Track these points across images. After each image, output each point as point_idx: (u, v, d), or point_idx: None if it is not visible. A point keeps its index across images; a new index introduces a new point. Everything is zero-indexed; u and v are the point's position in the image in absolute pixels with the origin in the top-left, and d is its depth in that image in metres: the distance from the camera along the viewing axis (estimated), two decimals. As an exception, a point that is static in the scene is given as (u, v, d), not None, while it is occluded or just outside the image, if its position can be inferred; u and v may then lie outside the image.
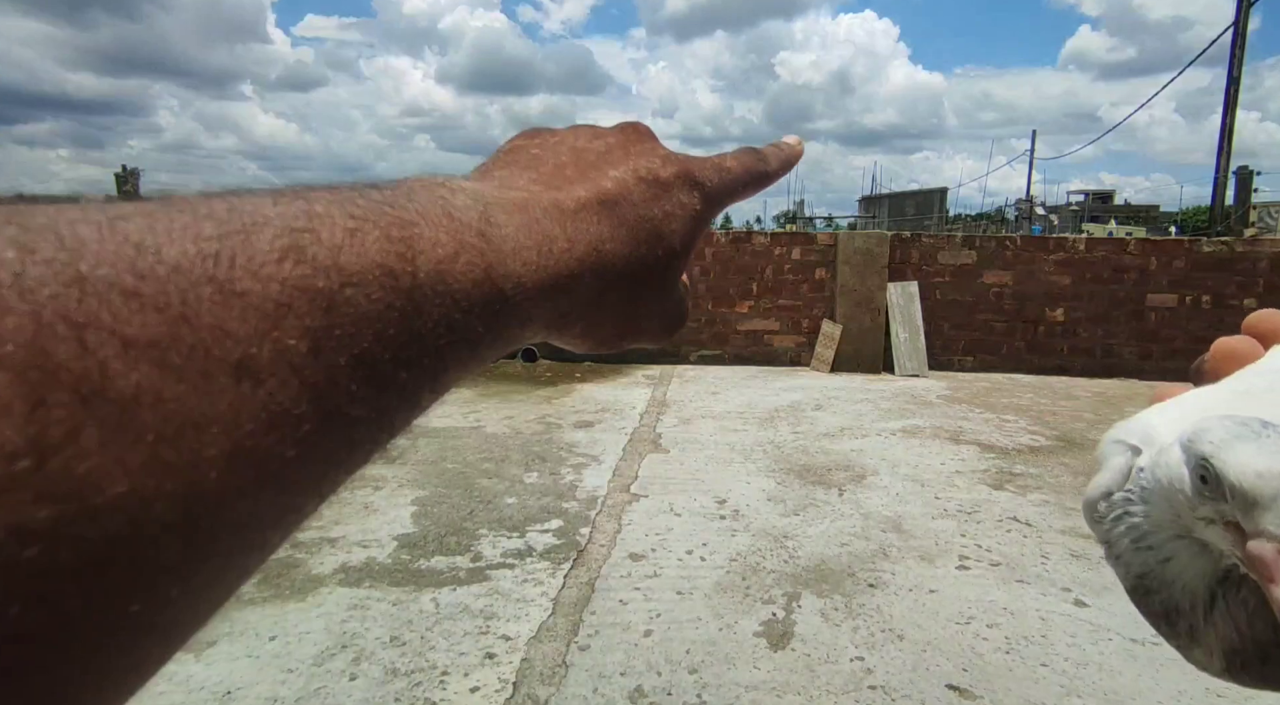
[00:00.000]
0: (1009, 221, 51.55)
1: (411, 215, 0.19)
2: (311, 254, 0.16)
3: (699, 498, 3.12)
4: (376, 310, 0.17)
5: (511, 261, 0.22)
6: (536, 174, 0.27)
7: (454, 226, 0.20)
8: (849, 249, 6.44)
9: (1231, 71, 16.40)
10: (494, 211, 0.22)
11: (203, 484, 0.14)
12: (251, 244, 0.16)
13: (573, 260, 0.24)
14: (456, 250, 0.20)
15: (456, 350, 0.20)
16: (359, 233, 0.18)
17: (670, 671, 1.86)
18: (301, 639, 1.98)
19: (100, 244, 0.14)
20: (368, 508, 2.96)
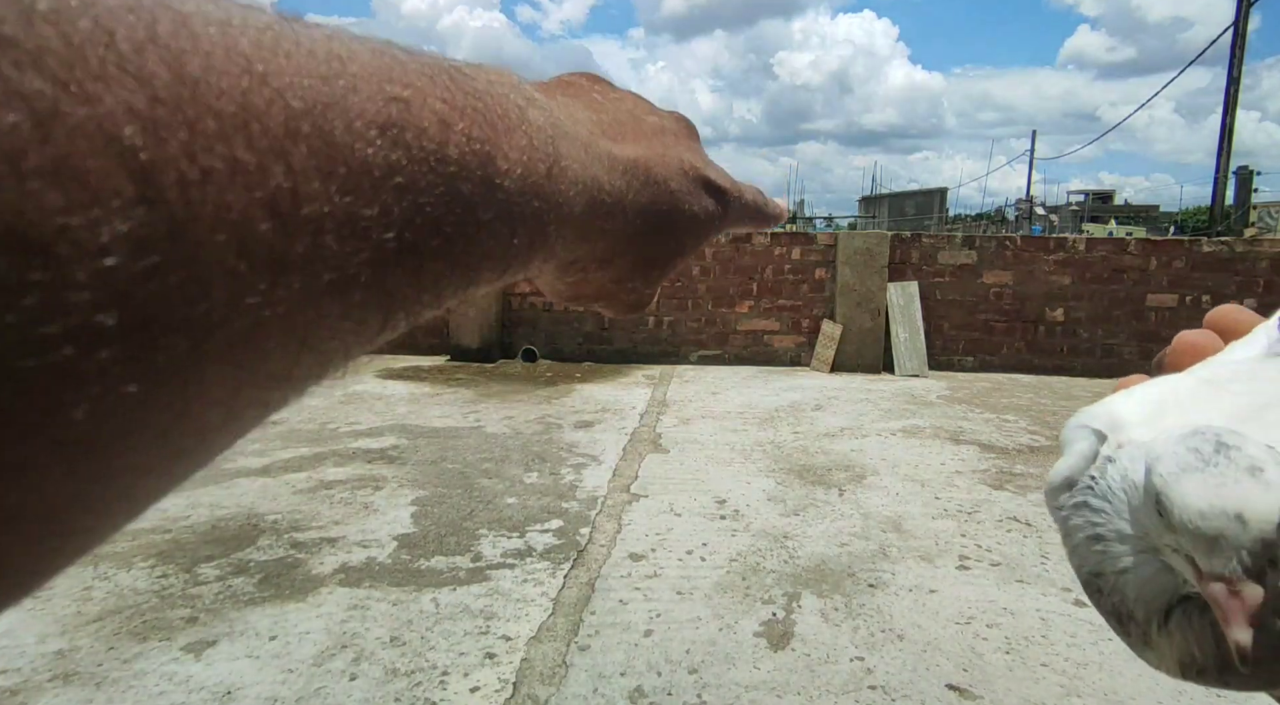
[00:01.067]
0: (1009, 221, 51.57)
1: (494, 118, 0.20)
2: (401, 128, 0.16)
3: (699, 498, 3.12)
4: (440, 204, 0.18)
5: (562, 198, 0.22)
6: (597, 118, 0.27)
7: (529, 148, 0.21)
8: (849, 249, 6.44)
9: (1231, 71, 16.40)
10: (561, 143, 0.23)
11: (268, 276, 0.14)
12: (350, 100, 0.15)
13: (606, 214, 0.25)
14: (524, 171, 0.20)
15: (492, 261, 0.21)
16: (446, 121, 0.18)
17: (670, 671, 1.86)
18: (301, 639, 1.98)
19: (216, 50, 0.13)
20: (368, 508, 2.96)
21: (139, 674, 1.82)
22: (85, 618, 2.08)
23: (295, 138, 0.14)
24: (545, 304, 6.93)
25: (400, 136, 0.16)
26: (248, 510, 2.91)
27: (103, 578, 2.32)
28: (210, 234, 0.12)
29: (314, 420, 4.37)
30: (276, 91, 0.14)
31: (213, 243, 0.12)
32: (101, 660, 1.87)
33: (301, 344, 0.15)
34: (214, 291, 0.13)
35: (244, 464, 3.50)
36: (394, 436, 4.03)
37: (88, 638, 1.97)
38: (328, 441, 3.91)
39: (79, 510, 0.12)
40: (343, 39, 0.16)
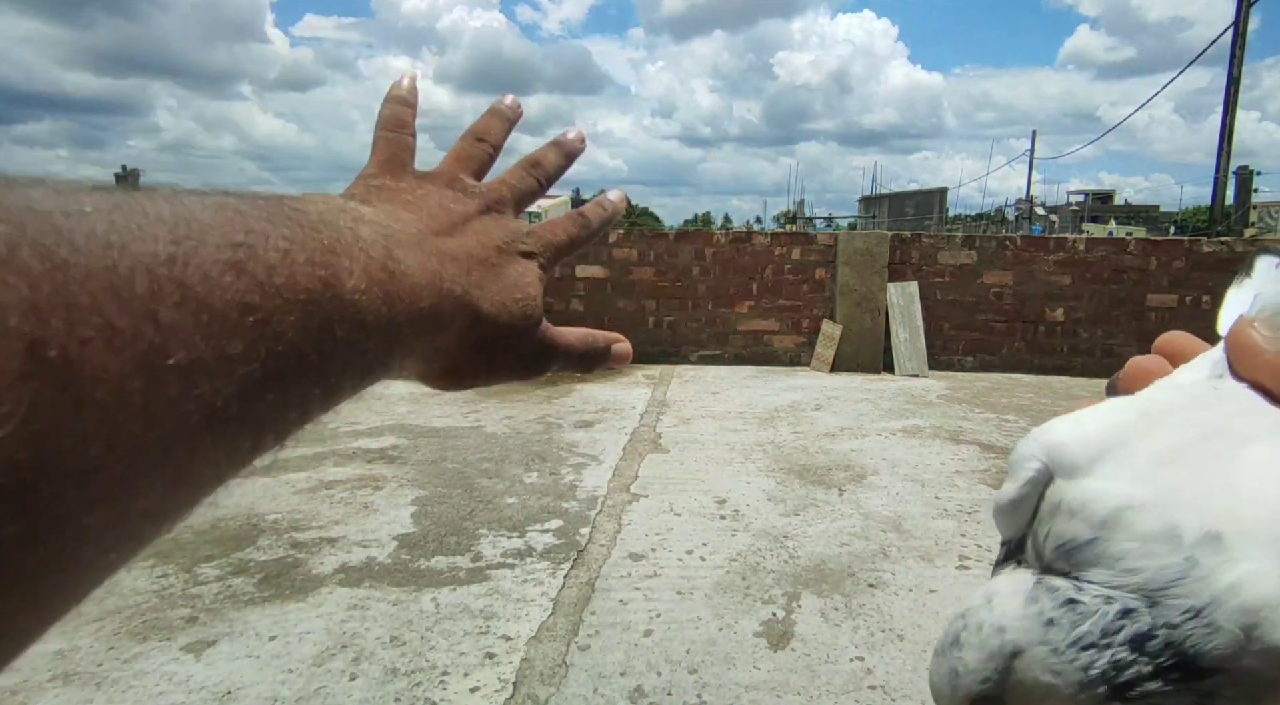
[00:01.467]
0: (1009, 221, 51.55)
1: (331, 243, 0.21)
2: (250, 269, 0.18)
3: (699, 498, 3.12)
4: (296, 329, 0.19)
5: (407, 295, 0.24)
6: (418, 217, 0.30)
7: (367, 261, 0.23)
8: (849, 249, 6.44)
9: (1231, 71, 16.40)
10: (395, 247, 0.25)
11: (120, 453, 0.15)
12: (200, 253, 0.17)
13: (453, 299, 0.27)
14: (368, 284, 0.22)
15: (352, 371, 0.22)
16: (290, 255, 0.19)
17: (670, 671, 1.86)
18: (301, 639, 1.98)
19: (77, 234, 0.15)
20: (368, 508, 2.96)
21: (139, 674, 1.82)
22: (85, 618, 2.08)
23: (158, 297, 0.15)
24: (545, 304, 6.91)
25: (250, 277, 0.18)
26: (248, 510, 2.91)
27: (103, 578, 2.32)
28: (90, 394, 0.14)
29: (314, 420, 4.37)
30: (136, 259, 0.15)
31: (93, 402, 0.14)
32: (101, 660, 1.87)
33: (176, 479, 0.17)
34: (92, 446, 0.14)
35: (244, 464, 3.50)
36: (394, 436, 4.03)
37: (88, 638, 1.97)
38: (328, 441, 3.91)
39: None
40: (184, 200, 0.18)
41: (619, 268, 6.84)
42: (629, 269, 6.84)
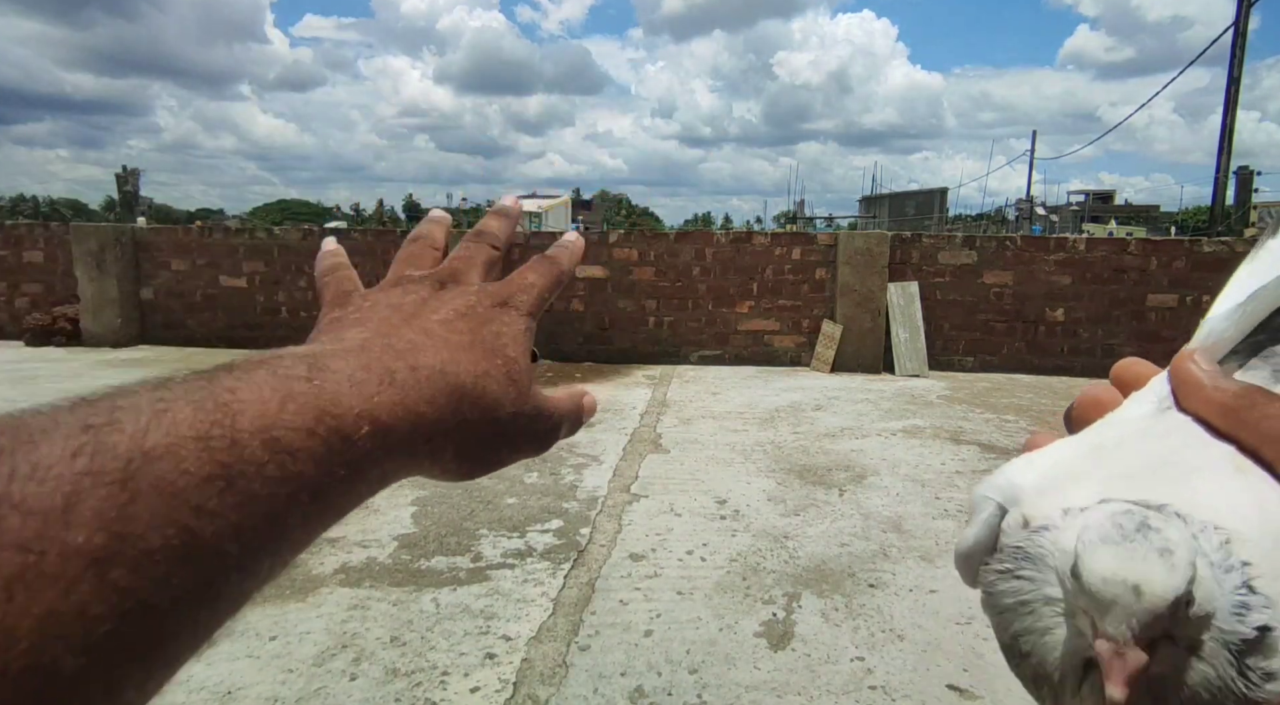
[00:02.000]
0: (1009, 222, 51.54)
1: (230, 382, 0.20)
2: (110, 443, 0.17)
3: (699, 498, 3.12)
4: (193, 481, 0.17)
5: (350, 398, 0.22)
6: (365, 328, 0.29)
7: (278, 380, 0.20)
8: (849, 249, 6.44)
9: (1232, 72, 16.40)
10: (326, 359, 0.23)
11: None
12: (37, 451, 0.16)
13: (421, 385, 0.25)
14: (283, 399, 0.20)
15: (296, 504, 0.20)
16: (167, 412, 0.18)
17: (670, 672, 1.86)
18: (302, 639, 1.98)
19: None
20: (368, 508, 2.96)
21: (139, 674, 1.81)
22: (85, 618, 2.08)
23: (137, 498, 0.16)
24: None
25: (98, 446, 0.17)
26: (248, 510, 2.91)
27: (103, 578, 2.32)
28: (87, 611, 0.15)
29: (314, 420, 4.37)
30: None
31: (90, 615, 0.15)
32: (102, 660, 1.87)
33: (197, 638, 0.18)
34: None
35: (244, 464, 3.50)
36: (394, 436, 4.03)
37: (88, 638, 1.97)
38: (328, 441, 3.91)
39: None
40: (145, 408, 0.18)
41: (619, 268, 6.84)
42: (629, 269, 6.84)
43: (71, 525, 0.15)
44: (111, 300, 7.15)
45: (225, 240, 7.37)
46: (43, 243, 7.65)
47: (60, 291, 7.53)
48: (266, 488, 0.19)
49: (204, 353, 6.99)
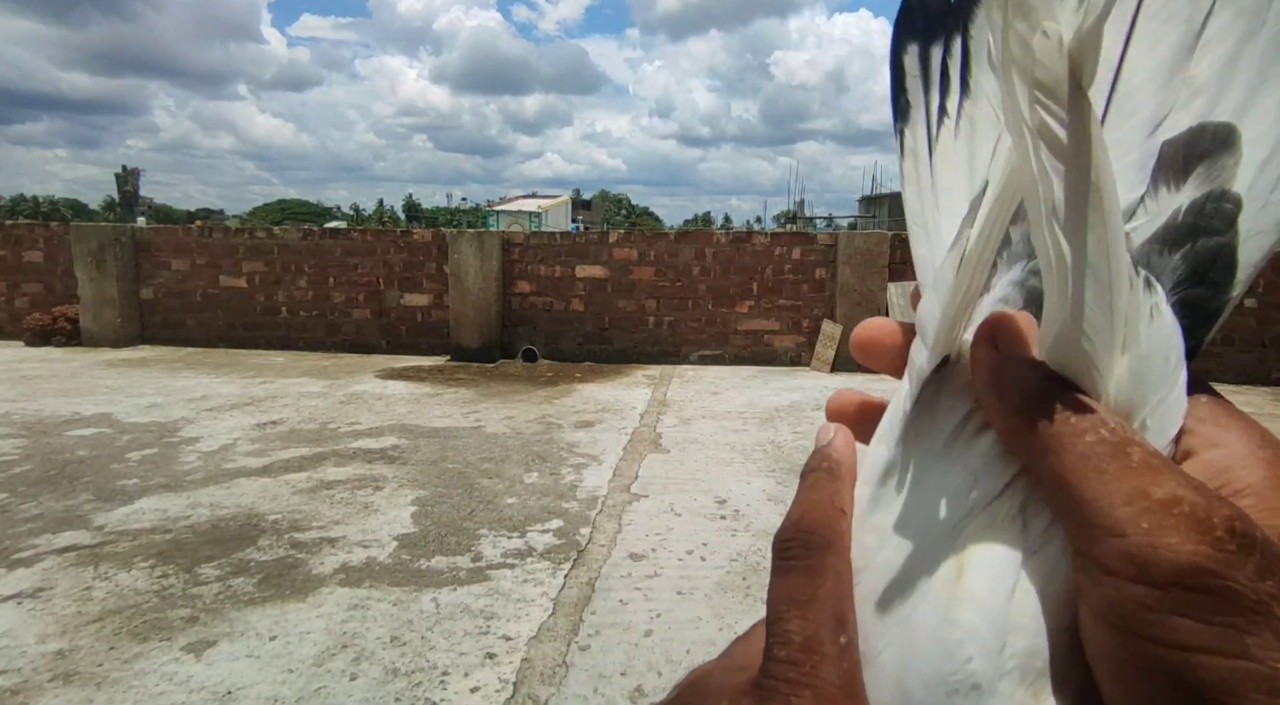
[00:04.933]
0: (1009, 221, 51.46)
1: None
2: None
3: (699, 498, 3.12)
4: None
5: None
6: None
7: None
8: (849, 249, 6.44)
9: None
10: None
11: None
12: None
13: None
14: None
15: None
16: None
17: (670, 671, 1.86)
18: (302, 639, 1.98)
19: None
20: (368, 508, 2.96)
21: (139, 674, 1.82)
22: (85, 618, 2.08)
23: None
24: (545, 304, 6.93)
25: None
26: (248, 510, 2.91)
27: (103, 578, 2.32)
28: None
29: (314, 420, 4.37)
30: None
31: None
32: (101, 660, 1.87)
33: None
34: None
35: (244, 464, 3.50)
36: (394, 436, 4.03)
37: (88, 638, 1.97)
38: (328, 441, 3.91)
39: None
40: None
41: (619, 268, 6.84)
42: (629, 269, 6.84)
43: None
44: (111, 300, 7.15)
45: (225, 240, 7.37)
46: (43, 243, 7.65)
47: (60, 291, 7.53)
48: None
49: (203, 352, 6.99)
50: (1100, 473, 0.17)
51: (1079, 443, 0.17)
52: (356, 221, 66.86)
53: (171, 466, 3.46)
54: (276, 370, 6.15)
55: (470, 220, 58.13)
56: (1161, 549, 0.15)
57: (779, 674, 0.19)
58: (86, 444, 3.82)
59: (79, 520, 2.79)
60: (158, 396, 4.98)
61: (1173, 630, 0.15)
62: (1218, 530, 0.15)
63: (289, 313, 7.31)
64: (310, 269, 7.26)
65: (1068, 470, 0.17)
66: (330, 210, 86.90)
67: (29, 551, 2.51)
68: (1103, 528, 0.16)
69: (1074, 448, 0.17)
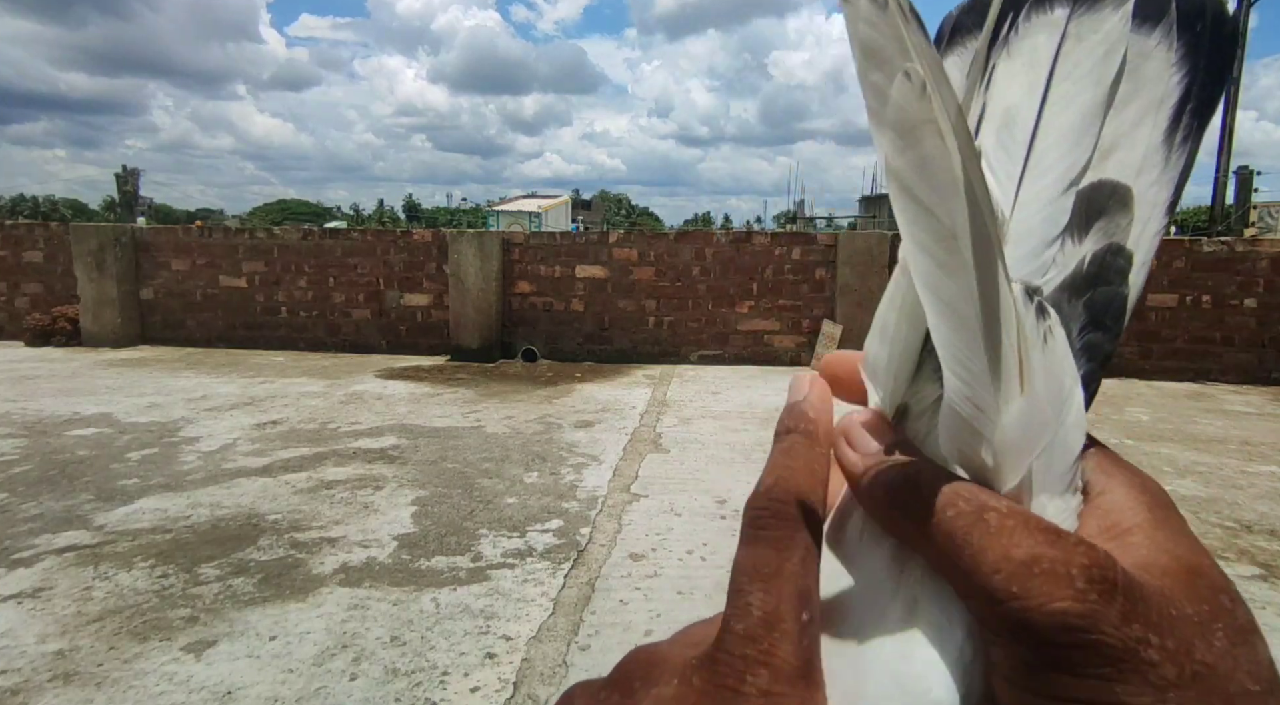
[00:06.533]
0: (1009, 221, 51.45)
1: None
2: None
3: (699, 498, 3.11)
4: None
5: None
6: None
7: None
8: (849, 249, 6.44)
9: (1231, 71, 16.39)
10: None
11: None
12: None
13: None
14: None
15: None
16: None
17: (670, 671, 1.86)
18: (302, 639, 1.98)
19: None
20: (368, 508, 2.96)
21: (139, 674, 1.82)
22: (85, 618, 2.08)
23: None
24: (545, 304, 6.93)
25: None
26: (248, 510, 2.91)
27: (103, 578, 2.32)
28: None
29: (314, 420, 4.37)
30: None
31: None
32: (101, 660, 1.87)
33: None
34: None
35: (244, 464, 3.50)
36: (394, 436, 4.03)
37: (88, 638, 1.97)
38: (328, 441, 3.91)
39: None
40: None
41: (619, 268, 6.84)
42: (629, 269, 6.84)
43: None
44: (111, 300, 7.15)
45: (225, 240, 7.37)
46: (43, 243, 7.65)
47: (60, 291, 7.53)
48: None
49: (203, 353, 6.99)
50: (966, 545, 0.17)
51: (943, 521, 0.18)
52: (356, 221, 66.80)
53: (171, 466, 3.46)
54: (276, 370, 6.15)
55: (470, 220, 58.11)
56: (1031, 612, 0.16)
57: (735, 649, 0.19)
58: (86, 444, 3.82)
59: (79, 520, 2.79)
60: (158, 396, 4.98)
61: (1055, 685, 0.16)
62: (1077, 582, 0.16)
63: (289, 313, 7.31)
64: (310, 269, 7.25)
65: (942, 551, 0.18)
66: (330, 210, 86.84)
67: (29, 551, 2.51)
68: (983, 598, 0.17)
69: (940, 528, 0.18)
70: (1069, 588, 0.16)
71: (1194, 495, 3.26)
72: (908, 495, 0.19)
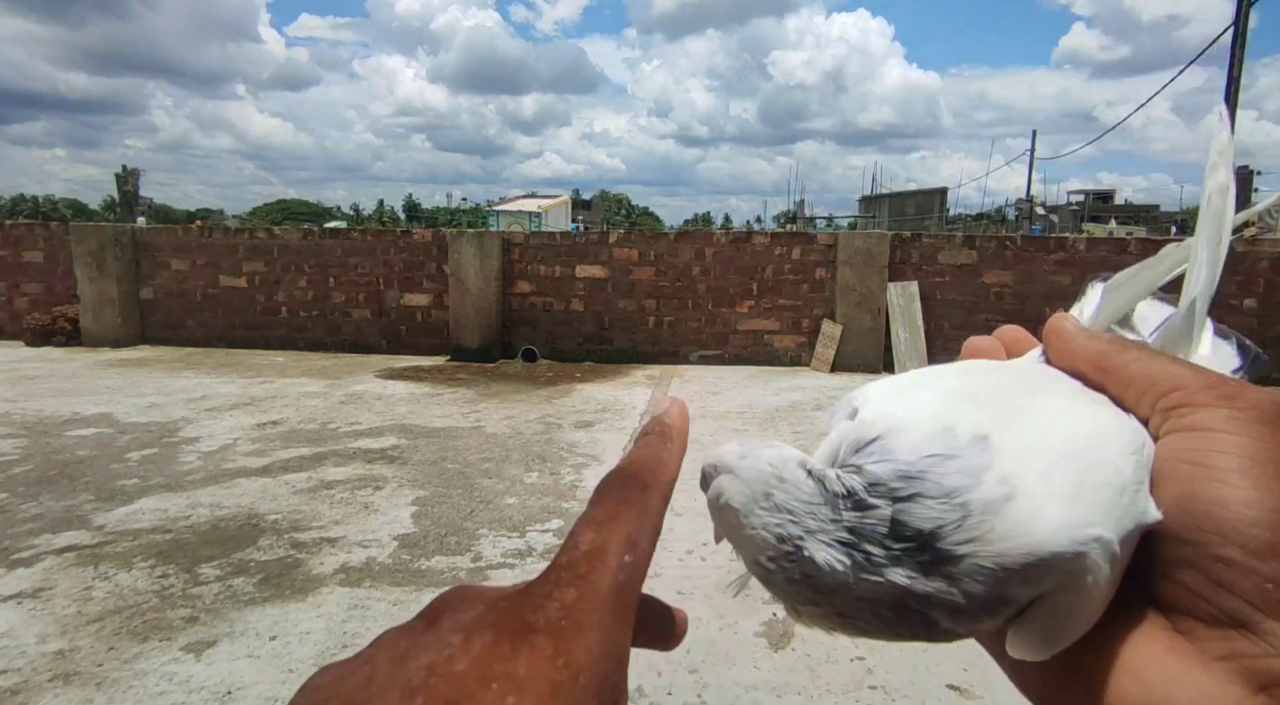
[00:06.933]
0: (1009, 221, 51.58)
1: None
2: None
3: (699, 497, 3.09)
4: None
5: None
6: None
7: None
8: (849, 249, 6.44)
9: (1231, 71, 16.39)
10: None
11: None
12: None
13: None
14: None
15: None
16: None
17: (670, 671, 1.86)
18: (302, 639, 1.98)
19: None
20: (368, 508, 2.96)
21: (139, 674, 1.82)
22: (85, 618, 2.08)
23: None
24: (545, 304, 6.93)
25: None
26: (248, 510, 2.91)
27: (103, 578, 2.32)
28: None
29: (314, 420, 4.37)
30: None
31: None
32: (101, 660, 1.87)
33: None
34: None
35: (244, 464, 3.50)
36: (394, 436, 4.03)
37: (88, 638, 1.97)
38: (328, 441, 3.91)
39: None
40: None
41: (619, 268, 6.84)
42: (629, 269, 6.84)
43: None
44: (111, 300, 7.15)
45: (225, 240, 7.37)
46: (43, 243, 7.65)
47: (60, 291, 7.53)
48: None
49: (203, 353, 6.99)
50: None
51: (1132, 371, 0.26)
52: (356, 221, 66.80)
53: (171, 466, 3.46)
54: (276, 370, 6.15)
55: (470, 220, 58.11)
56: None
57: (553, 575, 0.20)
58: (86, 444, 3.82)
59: (79, 520, 2.79)
60: (157, 396, 4.98)
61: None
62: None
63: (289, 313, 7.31)
64: (310, 269, 7.25)
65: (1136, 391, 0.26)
66: (330, 210, 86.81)
67: (29, 551, 2.51)
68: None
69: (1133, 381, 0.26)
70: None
71: (1194, 495, 3.26)
72: (1114, 348, 0.27)
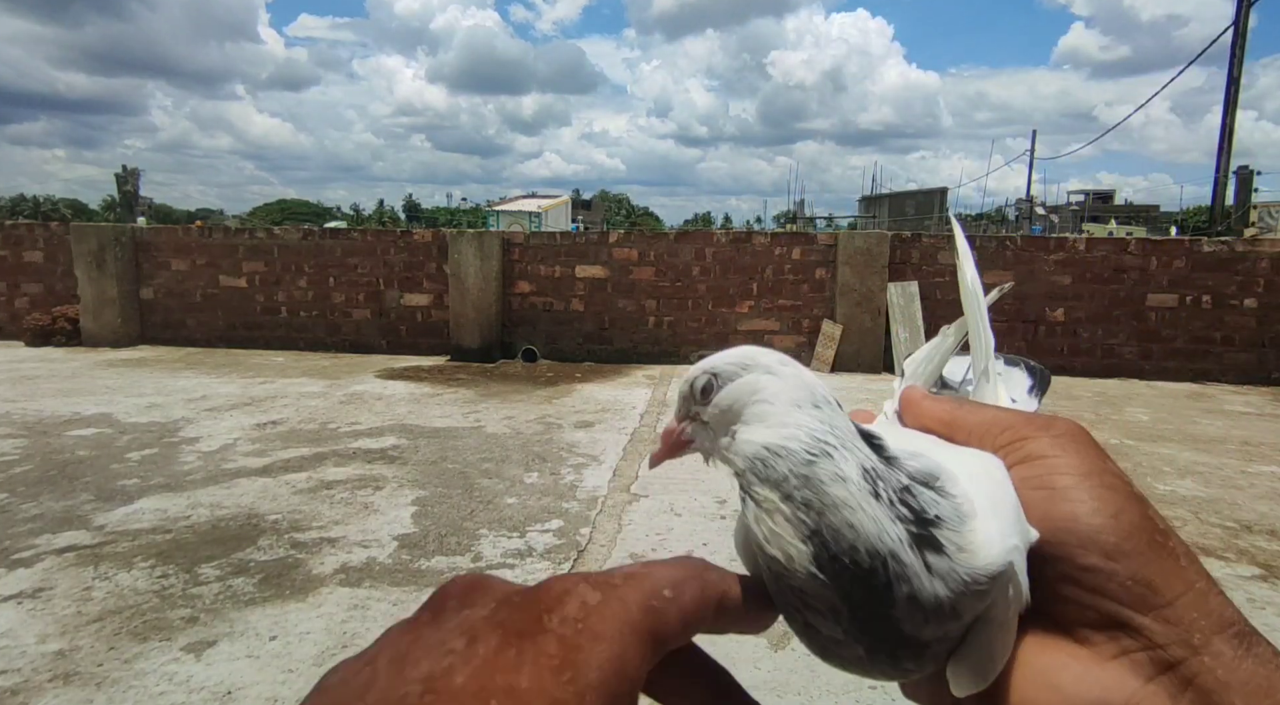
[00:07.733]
0: (1009, 221, 51.57)
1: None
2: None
3: (699, 498, 3.11)
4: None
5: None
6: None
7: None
8: (849, 249, 6.44)
9: (1232, 71, 16.39)
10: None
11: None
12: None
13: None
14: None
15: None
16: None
17: (670, 671, 1.86)
18: (302, 639, 1.98)
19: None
20: (368, 508, 2.96)
21: (139, 674, 1.82)
22: (85, 618, 2.08)
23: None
24: (545, 304, 6.93)
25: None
26: (248, 510, 2.91)
27: (103, 578, 2.32)
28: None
29: (314, 420, 4.37)
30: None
31: None
32: (101, 660, 1.87)
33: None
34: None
35: (244, 464, 3.50)
36: (394, 436, 4.03)
37: (88, 638, 1.97)
38: (328, 441, 3.91)
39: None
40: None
41: (619, 268, 6.84)
42: (629, 269, 6.84)
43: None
44: (111, 300, 7.15)
45: (225, 240, 7.37)
46: (43, 243, 7.65)
47: (60, 291, 7.53)
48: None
49: (203, 352, 6.99)
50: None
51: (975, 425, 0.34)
52: (356, 221, 66.77)
53: (171, 466, 3.46)
54: (276, 370, 6.15)
55: (470, 220, 58.08)
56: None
57: (581, 575, 0.21)
58: (86, 444, 3.82)
59: (79, 520, 2.79)
60: (157, 396, 4.98)
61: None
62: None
63: (289, 313, 7.31)
64: (310, 269, 7.25)
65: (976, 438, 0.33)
66: (330, 210, 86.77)
67: (29, 551, 2.51)
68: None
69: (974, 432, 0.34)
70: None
71: (1194, 495, 3.26)
72: (956, 408, 0.34)
